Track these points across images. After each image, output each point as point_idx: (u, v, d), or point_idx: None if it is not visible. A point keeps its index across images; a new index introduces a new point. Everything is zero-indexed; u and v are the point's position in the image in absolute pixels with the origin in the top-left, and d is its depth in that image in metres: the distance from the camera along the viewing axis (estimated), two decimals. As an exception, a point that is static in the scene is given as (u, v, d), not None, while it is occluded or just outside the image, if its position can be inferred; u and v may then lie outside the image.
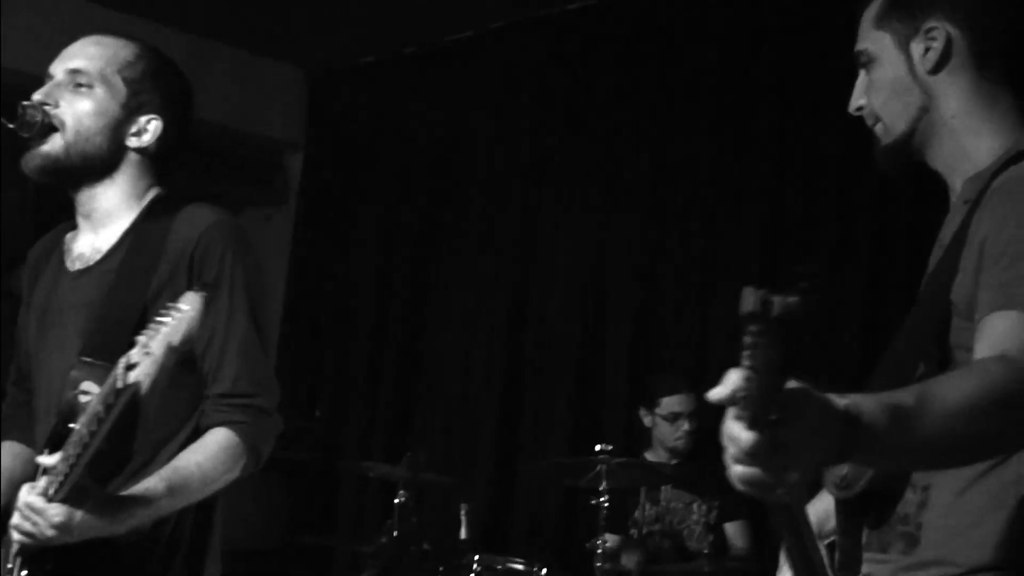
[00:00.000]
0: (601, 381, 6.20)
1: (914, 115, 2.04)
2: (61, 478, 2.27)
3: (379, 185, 7.41)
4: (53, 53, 2.69)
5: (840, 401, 1.54)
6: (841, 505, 1.98)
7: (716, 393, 1.46)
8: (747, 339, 1.40)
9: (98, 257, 2.61)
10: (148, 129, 2.64)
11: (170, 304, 2.09)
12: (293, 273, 7.76)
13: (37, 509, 2.29)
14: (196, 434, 2.50)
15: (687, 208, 6.07)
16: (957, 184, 2.04)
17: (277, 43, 7.45)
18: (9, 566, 2.45)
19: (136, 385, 2.09)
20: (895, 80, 2.05)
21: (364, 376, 7.17)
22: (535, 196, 6.67)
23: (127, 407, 2.17)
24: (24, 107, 2.52)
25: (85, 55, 2.62)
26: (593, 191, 6.42)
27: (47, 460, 2.33)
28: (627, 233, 6.23)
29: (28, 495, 2.31)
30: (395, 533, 5.12)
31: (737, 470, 1.50)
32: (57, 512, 2.28)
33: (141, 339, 2.10)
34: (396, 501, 5.19)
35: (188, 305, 2.07)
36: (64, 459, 2.27)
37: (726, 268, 5.87)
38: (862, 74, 2.12)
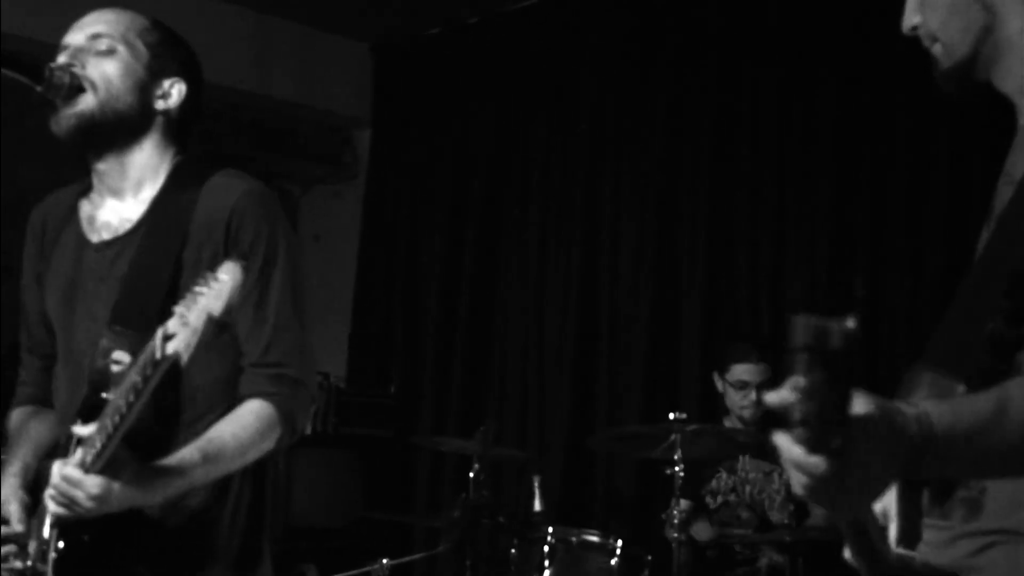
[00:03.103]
0: (676, 351, 6.16)
1: (977, 35, 1.88)
2: (98, 449, 2.26)
3: (447, 158, 7.39)
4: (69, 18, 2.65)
5: (910, 411, 1.51)
6: None
7: (772, 399, 1.43)
8: (800, 364, 1.36)
9: (128, 227, 2.58)
10: (172, 93, 2.62)
11: (208, 274, 2.05)
12: (364, 249, 7.77)
13: (75, 481, 2.28)
14: (235, 404, 2.48)
15: (758, 172, 6.00)
16: None
17: (341, 18, 7.44)
18: (45, 536, 2.43)
19: (175, 356, 2.07)
20: None
21: (436, 351, 7.17)
22: (602, 165, 6.62)
23: (165, 378, 2.16)
24: (51, 69, 2.48)
25: (104, 21, 2.60)
26: (660, 158, 6.36)
27: (82, 431, 2.32)
28: (697, 198, 6.17)
29: (65, 467, 2.30)
30: (469, 507, 5.12)
31: (804, 493, 1.49)
32: (95, 483, 2.27)
33: (178, 309, 2.07)
34: (470, 475, 5.18)
35: (227, 275, 2.03)
36: (100, 430, 2.26)
37: (798, 231, 5.81)
38: None
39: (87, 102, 2.51)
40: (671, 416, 4.75)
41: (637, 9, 6.56)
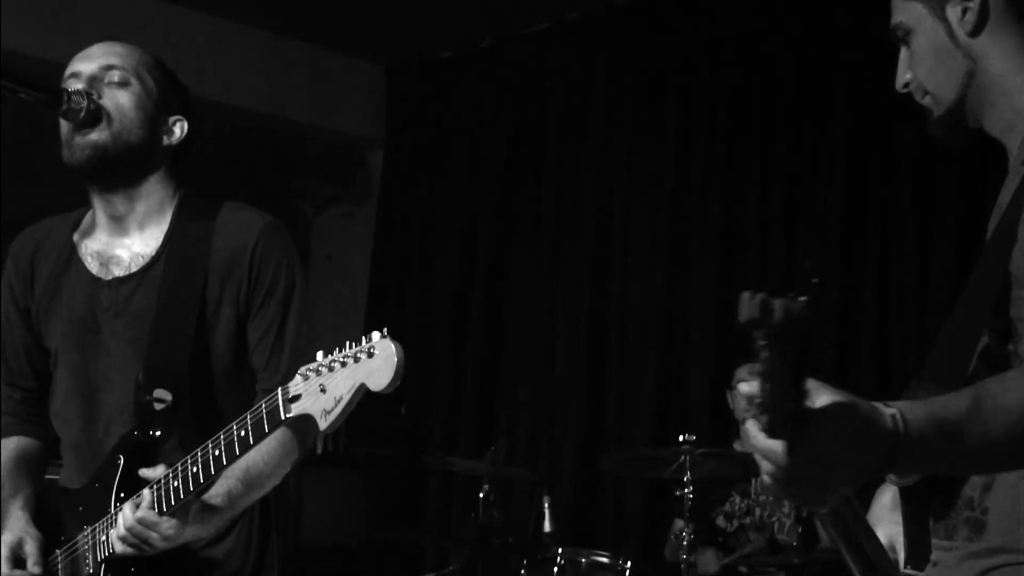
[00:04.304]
0: (686, 373, 6.17)
1: (961, 81, 1.93)
2: (179, 494, 2.32)
3: (458, 178, 7.43)
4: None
5: (886, 410, 1.53)
6: (905, 493, 1.89)
7: (743, 388, 1.46)
8: (755, 345, 1.37)
9: (142, 263, 2.61)
10: (175, 130, 2.65)
11: (355, 345, 2.08)
12: (375, 269, 7.80)
13: (151, 523, 2.34)
14: None
15: (767, 189, 6.03)
16: (1015, 146, 1.93)
17: (355, 40, 7.48)
18: (90, 572, 2.49)
19: (304, 419, 2.13)
20: (936, 48, 1.94)
21: (448, 372, 7.19)
22: (613, 186, 6.64)
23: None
24: (70, 94, 2.50)
25: (115, 53, 2.62)
26: (670, 180, 6.39)
27: (152, 473, 2.38)
28: (708, 221, 6.20)
29: (141, 510, 2.35)
30: (479, 527, 5.13)
31: (770, 484, 1.50)
32: (170, 525, 2.35)
33: (304, 371, 2.13)
34: (480, 495, 5.19)
35: (383, 351, 2.06)
36: (180, 476, 2.32)
37: (806, 251, 5.83)
38: (903, 50, 2.01)
39: (103, 133, 2.54)
40: (681, 438, 4.76)
41: (647, 31, 6.58)
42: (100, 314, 2.60)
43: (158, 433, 2.47)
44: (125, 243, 2.64)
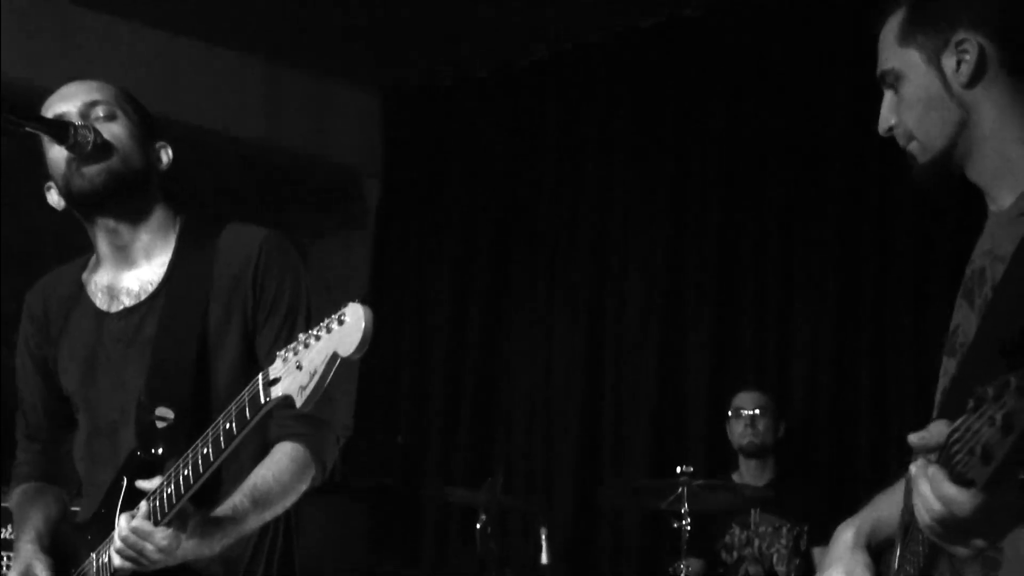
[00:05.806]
0: (682, 402, 6.16)
1: (953, 131, 1.98)
2: (173, 501, 2.27)
3: (456, 207, 7.43)
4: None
5: None
6: (904, 528, 1.88)
7: (919, 439, 1.42)
8: (999, 394, 1.30)
9: (151, 290, 2.60)
10: (162, 157, 2.67)
11: (328, 317, 2.06)
12: (372, 299, 7.75)
13: (144, 533, 2.29)
14: (264, 449, 2.49)
15: (762, 225, 6.04)
16: (1003, 196, 1.97)
17: (351, 68, 7.49)
18: None
19: (282, 399, 2.09)
20: (929, 97, 1.99)
21: (444, 402, 7.17)
22: (610, 215, 6.65)
23: (262, 421, 2.18)
24: (75, 127, 2.51)
25: (92, 89, 2.63)
26: (666, 209, 6.40)
27: (148, 485, 2.34)
28: (704, 251, 6.20)
29: (136, 520, 2.30)
30: (476, 559, 5.11)
31: (938, 527, 1.49)
32: (164, 535, 2.29)
33: (283, 354, 2.10)
34: (477, 526, 5.17)
35: (353, 317, 2.03)
36: (172, 482, 2.28)
37: (803, 282, 5.84)
38: (888, 94, 2.06)
39: (111, 161, 2.54)
40: (679, 469, 4.74)
41: (645, 60, 6.60)
42: (111, 346, 2.59)
43: (160, 451, 2.43)
44: (134, 273, 2.63)
